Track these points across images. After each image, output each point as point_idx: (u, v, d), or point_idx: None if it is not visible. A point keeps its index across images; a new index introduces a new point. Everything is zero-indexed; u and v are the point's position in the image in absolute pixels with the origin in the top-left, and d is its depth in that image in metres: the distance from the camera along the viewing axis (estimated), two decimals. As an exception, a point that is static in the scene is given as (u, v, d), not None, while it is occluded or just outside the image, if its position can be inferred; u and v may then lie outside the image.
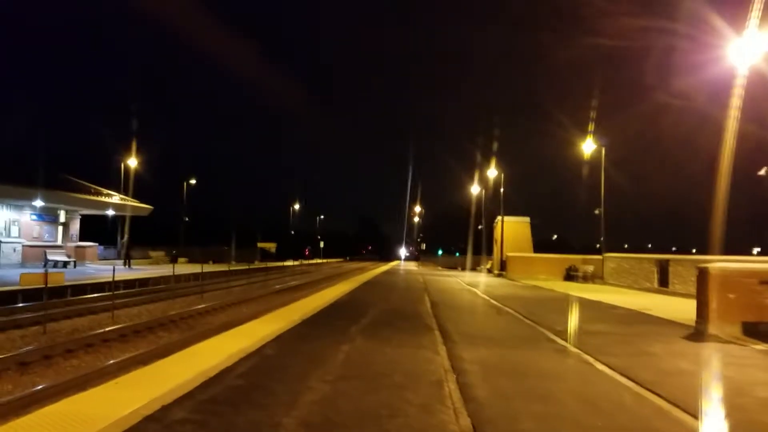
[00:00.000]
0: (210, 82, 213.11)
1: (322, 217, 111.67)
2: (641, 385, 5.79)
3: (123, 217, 39.86)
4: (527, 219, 40.13)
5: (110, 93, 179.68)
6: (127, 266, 33.62)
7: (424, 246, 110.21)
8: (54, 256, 30.25)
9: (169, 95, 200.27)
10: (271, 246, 77.37)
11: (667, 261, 21.81)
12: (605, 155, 30.78)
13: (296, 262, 62.60)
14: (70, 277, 21.76)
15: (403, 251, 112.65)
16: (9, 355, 9.67)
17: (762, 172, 14.89)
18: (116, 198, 37.20)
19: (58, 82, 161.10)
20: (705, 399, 5.40)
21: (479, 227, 55.00)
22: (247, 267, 38.53)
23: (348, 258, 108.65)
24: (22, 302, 16.44)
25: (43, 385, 7.99)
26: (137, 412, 4.32)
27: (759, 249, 38.98)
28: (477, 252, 54.70)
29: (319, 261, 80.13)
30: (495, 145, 48.47)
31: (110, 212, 37.25)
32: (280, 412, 4.56)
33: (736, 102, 17.45)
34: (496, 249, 40.22)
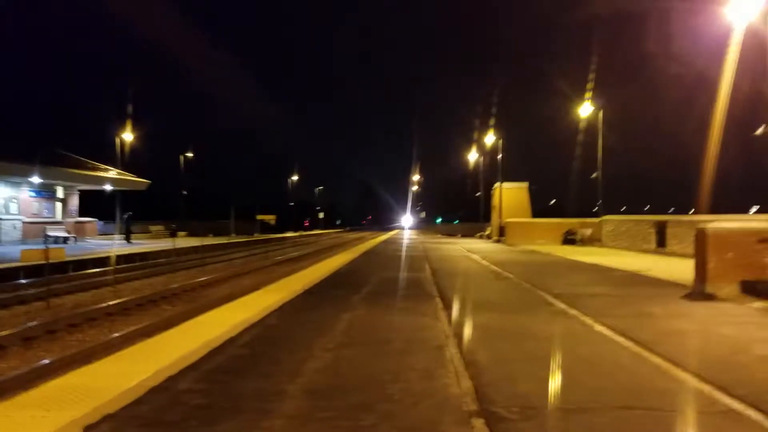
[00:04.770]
0: (205, 52, 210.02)
1: (321, 188, 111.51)
2: (640, 345, 5.85)
3: (121, 192, 39.80)
4: (525, 184, 39.98)
5: (108, 67, 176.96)
6: (127, 241, 33.69)
7: (423, 214, 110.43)
8: (54, 232, 30.26)
9: (166, 64, 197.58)
10: (271, 218, 77.29)
11: (665, 222, 21.86)
12: (602, 118, 30.64)
13: (296, 234, 62.79)
14: (70, 252, 21.84)
15: (404, 220, 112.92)
16: (14, 330, 9.74)
17: (759, 131, 14.81)
18: (113, 173, 37.07)
19: (54, 57, 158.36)
20: (704, 357, 5.47)
21: (477, 194, 55.01)
22: (247, 239, 38.55)
23: (348, 228, 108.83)
24: (24, 278, 16.51)
25: (49, 360, 8.07)
26: (143, 383, 4.37)
27: (757, 207, 38.85)
28: (475, 219, 54.82)
29: (319, 232, 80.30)
30: (494, 111, 48.26)
31: (108, 187, 37.14)
32: (285, 380, 4.62)
33: (731, 60, 17.30)
34: (494, 215, 40.22)
